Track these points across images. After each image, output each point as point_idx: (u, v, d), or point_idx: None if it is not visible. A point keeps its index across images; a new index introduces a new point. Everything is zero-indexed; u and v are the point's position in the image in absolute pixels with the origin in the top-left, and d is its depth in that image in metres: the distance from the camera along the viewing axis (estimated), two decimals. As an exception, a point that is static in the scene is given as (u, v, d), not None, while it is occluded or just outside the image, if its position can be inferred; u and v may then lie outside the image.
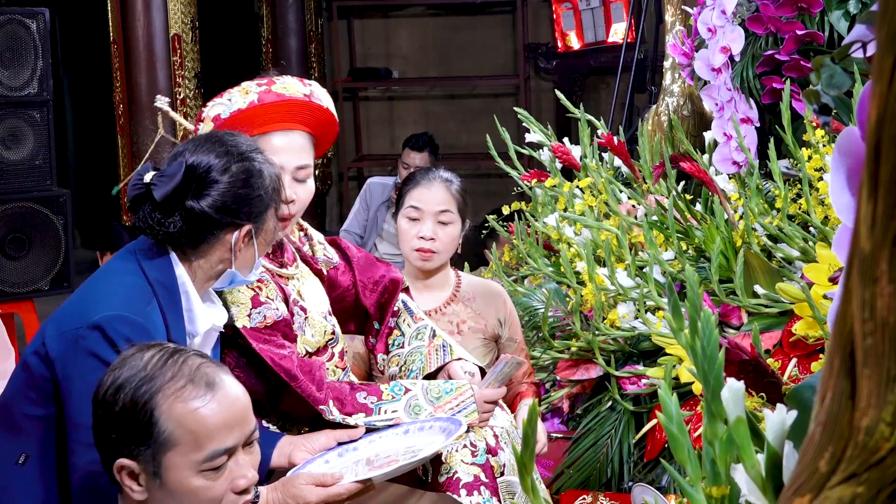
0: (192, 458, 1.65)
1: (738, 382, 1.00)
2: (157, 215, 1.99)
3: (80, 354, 1.90)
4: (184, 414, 1.64)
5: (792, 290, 2.52)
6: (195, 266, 2.05)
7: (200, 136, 2.13)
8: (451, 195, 2.84)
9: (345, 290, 2.55)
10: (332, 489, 2.06)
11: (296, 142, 2.31)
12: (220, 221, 2.01)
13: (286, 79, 2.32)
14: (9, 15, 4.55)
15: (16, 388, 2.01)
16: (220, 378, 1.69)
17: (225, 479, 1.68)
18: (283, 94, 2.27)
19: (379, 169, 8.32)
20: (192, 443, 1.65)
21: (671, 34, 3.76)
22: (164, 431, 1.64)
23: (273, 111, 2.27)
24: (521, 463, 1.03)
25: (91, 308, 1.94)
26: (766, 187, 2.98)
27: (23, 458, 1.97)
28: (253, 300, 2.25)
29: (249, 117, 2.25)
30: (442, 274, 2.90)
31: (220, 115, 2.25)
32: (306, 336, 2.35)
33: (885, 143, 0.72)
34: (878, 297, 0.74)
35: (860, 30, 1.34)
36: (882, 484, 0.75)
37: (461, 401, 2.32)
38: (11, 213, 4.57)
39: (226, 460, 1.68)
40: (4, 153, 4.56)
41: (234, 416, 1.69)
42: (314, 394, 2.24)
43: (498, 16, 8.69)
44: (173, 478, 1.65)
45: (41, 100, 4.63)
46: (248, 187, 2.02)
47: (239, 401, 1.71)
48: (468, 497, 2.26)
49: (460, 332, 2.86)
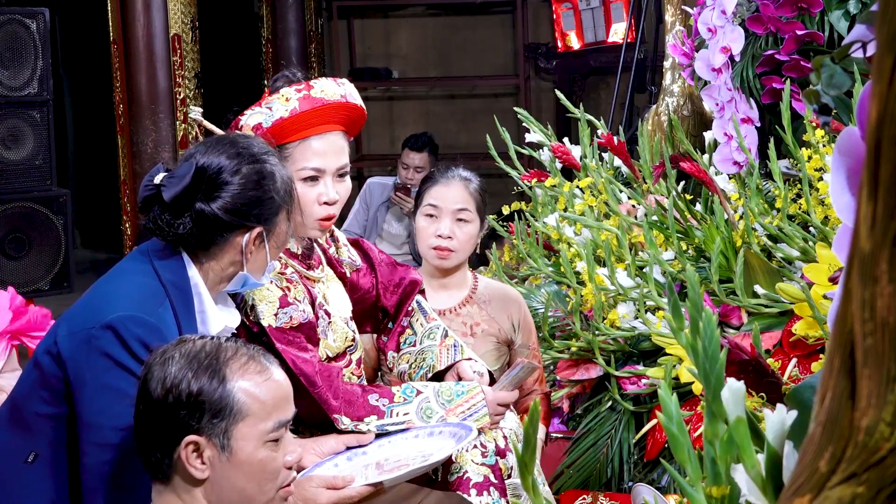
0: (261, 427, 1.73)
1: (739, 382, 1.00)
2: (166, 216, 1.99)
3: (93, 354, 1.90)
4: (253, 386, 1.74)
5: (792, 290, 2.52)
6: (206, 268, 2.05)
7: (213, 138, 2.12)
8: (470, 194, 2.83)
9: (366, 292, 2.55)
10: (344, 492, 2.06)
11: (335, 143, 2.32)
12: (230, 223, 2.00)
13: (322, 81, 2.31)
14: (9, 15, 4.56)
15: (27, 387, 2.00)
16: (267, 361, 1.80)
17: (282, 452, 1.77)
18: (324, 99, 2.28)
19: (379, 169, 8.33)
20: (261, 413, 1.73)
21: (671, 34, 3.76)
22: (237, 403, 1.72)
23: (313, 116, 2.27)
24: (521, 463, 1.03)
25: (104, 308, 1.94)
26: (766, 187, 2.98)
27: (32, 456, 1.97)
28: (281, 300, 2.25)
29: (291, 124, 2.25)
30: (459, 274, 2.89)
31: (261, 125, 2.24)
32: (328, 341, 2.35)
33: (885, 143, 0.73)
34: (878, 297, 0.74)
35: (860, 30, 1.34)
36: (882, 484, 0.75)
37: (472, 404, 2.32)
38: (11, 213, 4.58)
39: (284, 433, 1.78)
40: (4, 153, 4.56)
41: (287, 391, 1.80)
42: (330, 402, 2.24)
43: (498, 16, 8.69)
44: (243, 449, 1.73)
45: (41, 100, 4.63)
46: (260, 189, 2.02)
47: (285, 381, 1.82)
48: (478, 497, 2.26)
49: (473, 334, 2.85)
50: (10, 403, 2.06)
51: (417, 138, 6.04)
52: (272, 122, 2.24)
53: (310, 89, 2.28)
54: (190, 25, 5.88)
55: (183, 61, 5.89)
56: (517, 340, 2.89)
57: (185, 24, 5.85)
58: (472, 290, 2.90)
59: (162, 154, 5.69)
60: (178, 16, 5.83)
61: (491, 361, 2.75)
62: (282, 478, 1.78)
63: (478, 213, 2.84)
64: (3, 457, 2.00)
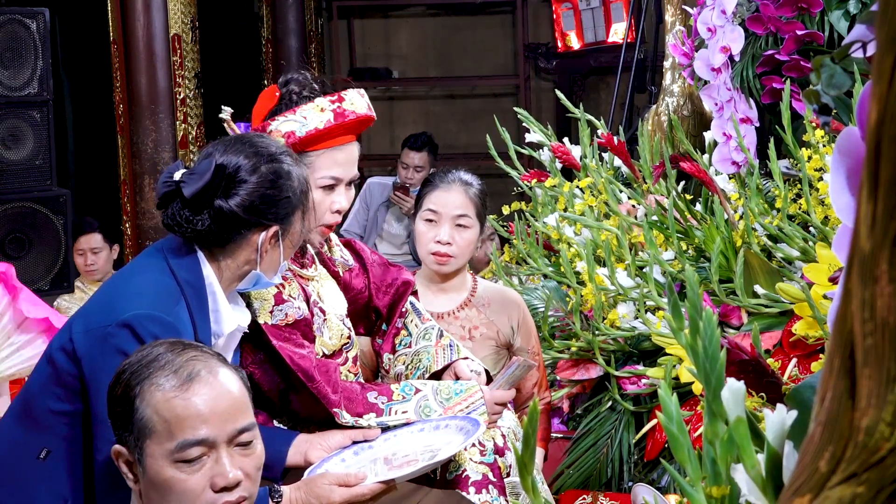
0: (166, 446, 1.64)
1: (739, 382, 1.00)
2: (185, 213, 2.01)
3: (109, 352, 1.90)
4: (160, 402, 1.65)
5: (792, 290, 2.52)
6: (222, 266, 2.06)
7: (230, 137, 2.15)
8: (470, 199, 2.81)
9: (358, 292, 2.55)
10: (356, 489, 2.07)
11: (353, 154, 2.36)
12: (247, 221, 2.02)
13: (351, 94, 2.34)
14: (9, 15, 4.55)
15: (40, 384, 2.01)
16: (207, 371, 1.68)
17: (203, 474, 1.65)
18: (356, 112, 2.31)
19: (379, 169, 8.32)
20: (164, 431, 1.64)
21: (671, 34, 3.76)
22: (142, 418, 1.65)
23: (342, 129, 2.31)
24: (521, 463, 1.03)
25: (120, 306, 1.95)
26: (766, 187, 2.98)
27: (44, 453, 1.98)
28: (276, 297, 2.27)
29: (323, 135, 2.28)
30: (458, 278, 2.88)
31: (293, 132, 2.26)
32: (324, 338, 2.35)
33: (885, 143, 0.72)
34: (878, 297, 0.74)
35: (860, 30, 1.34)
36: (882, 484, 0.75)
37: (471, 402, 2.32)
38: (11, 213, 4.58)
39: (201, 454, 1.65)
40: (4, 153, 4.56)
41: (212, 409, 1.66)
42: (329, 396, 2.25)
43: (498, 16, 8.69)
44: (151, 466, 1.65)
45: (41, 100, 4.63)
46: (277, 188, 2.04)
47: (224, 396, 1.68)
48: (477, 495, 2.27)
49: (472, 337, 2.83)
50: (21, 400, 2.06)
51: (416, 138, 6.05)
52: (305, 133, 2.26)
53: (342, 101, 2.31)
54: (190, 25, 5.88)
55: (183, 61, 5.89)
56: (516, 343, 2.88)
57: (185, 24, 5.85)
58: (472, 293, 2.89)
59: (162, 154, 5.68)
60: (178, 16, 5.83)
61: (490, 365, 2.74)
62: (206, 499, 1.65)
63: (477, 218, 2.82)
64: (16, 453, 2.01)
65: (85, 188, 8.24)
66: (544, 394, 2.93)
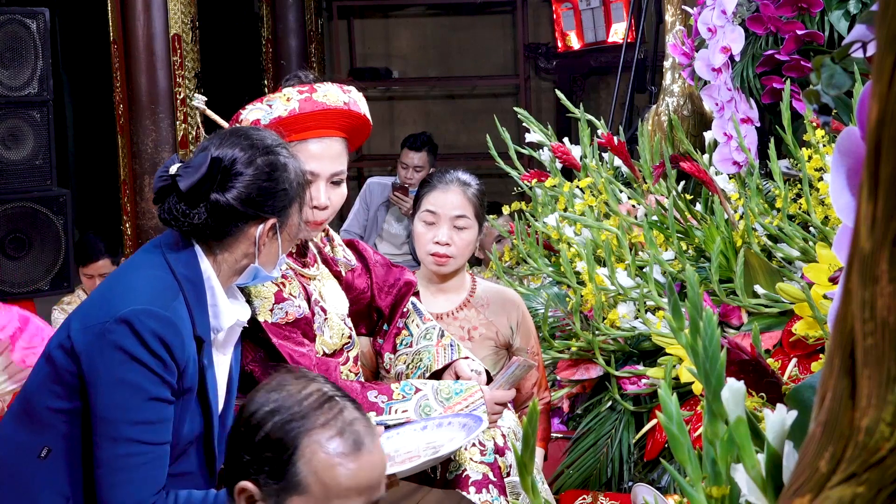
0: None
1: (739, 382, 1.00)
2: (182, 206, 2.01)
3: (107, 348, 1.90)
4: (324, 466, 1.62)
5: (792, 290, 2.52)
6: (220, 260, 2.06)
7: (226, 130, 2.15)
8: (468, 199, 2.79)
9: (360, 292, 2.55)
10: None
11: (332, 148, 2.33)
12: (244, 214, 2.02)
13: (327, 86, 2.32)
14: (9, 15, 4.55)
15: (39, 382, 2.01)
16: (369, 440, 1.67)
17: None
18: (325, 104, 2.29)
19: (379, 169, 8.33)
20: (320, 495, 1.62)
21: (671, 34, 3.76)
22: (299, 475, 1.62)
23: (312, 119, 2.28)
24: (520, 462, 1.03)
25: (118, 302, 1.95)
26: (766, 187, 2.98)
27: (45, 451, 1.98)
28: (276, 295, 2.26)
29: (289, 124, 2.26)
30: (457, 278, 2.87)
31: (259, 121, 2.26)
32: (325, 337, 2.35)
33: (885, 143, 0.73)
34: (878, 297, 0.74)
35: (860, 30, 1.34)
36: (882, 484, 0.75)
37: (471, 402, 2.33)
38: (11, 213, 4.57)
39: None
40: (4, 153, 4.55)
41: (368, 482, 1.66)
42: None
43: (498, 16, 8.69)
44: None
45: (41, 100, 4.62)
46: (273, 181, 2.04)
47: (377, 468, 1.68)
48: (477, 495, 2.28)
49: (471, 338, 2.83)
50: (21, 399, 2.06)
51: (416, 138, 6.04)
52: (270, 120, 2.25)
53: (313, 92, 2.29)
54: (190, 25, 5.88)
55: (183, 61, 5.89)
56: (515, 343, 2.87)
57: (185, 23, 5.85)
58: (471, 293, 2.89)
59: (162, 154, 5.69)
60: (178, 16, 5.83)
61: (490, 365, 2.73)
62: None
63: (476, 219, 2.81)
64: (16, 452, 2.00)
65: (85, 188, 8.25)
66: (544, 394, 2.92)
